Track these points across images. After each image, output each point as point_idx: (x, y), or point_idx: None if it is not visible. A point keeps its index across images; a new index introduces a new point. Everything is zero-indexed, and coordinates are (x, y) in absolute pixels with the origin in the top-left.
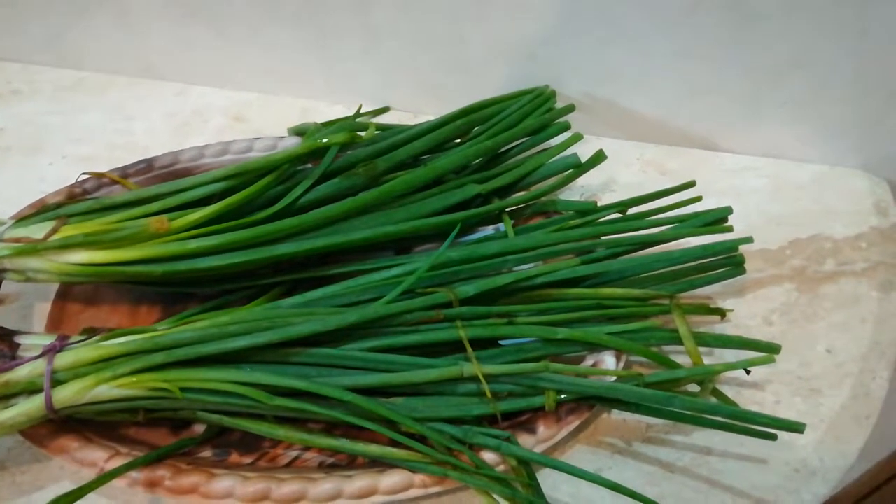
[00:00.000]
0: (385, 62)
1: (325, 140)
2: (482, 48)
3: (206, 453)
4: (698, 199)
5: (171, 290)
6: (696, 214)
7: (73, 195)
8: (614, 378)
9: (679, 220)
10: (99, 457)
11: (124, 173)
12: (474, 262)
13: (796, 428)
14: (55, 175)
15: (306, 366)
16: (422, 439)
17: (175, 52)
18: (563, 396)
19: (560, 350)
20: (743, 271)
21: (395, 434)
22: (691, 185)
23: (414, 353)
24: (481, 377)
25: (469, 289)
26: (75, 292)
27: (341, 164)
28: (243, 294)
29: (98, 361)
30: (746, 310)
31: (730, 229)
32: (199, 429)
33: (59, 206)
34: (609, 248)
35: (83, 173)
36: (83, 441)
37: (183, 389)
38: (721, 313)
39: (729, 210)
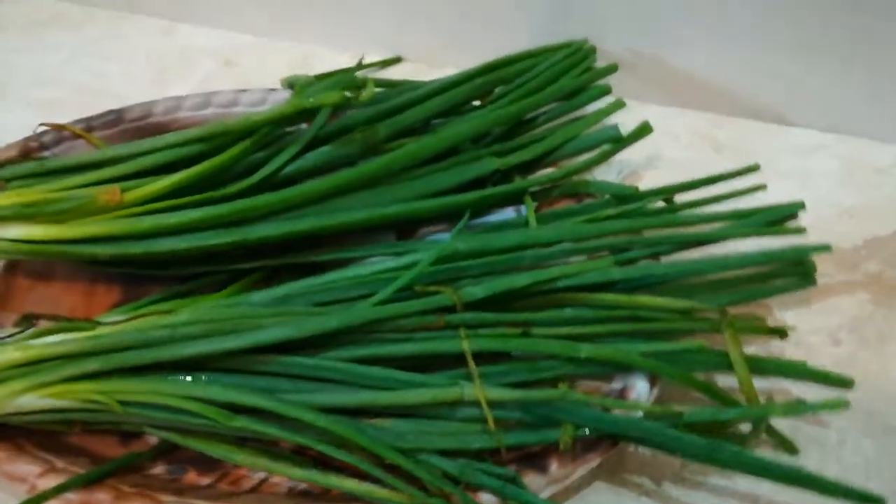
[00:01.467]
0: (397, 4)
1: (312, 100)
2: None
3: (159, 469)
4: (762, 187)
5: (130, 271)
6: (759, 210)
7: (29, 150)
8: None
9: (737, 214)
10: (30, 471)
11: (89, 126)
12: (486, 255)
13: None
14: (16, 122)
15: (275, 376)
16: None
17: None
18: (582, 431)
19: (583, 370)
20: (812, 282)
21: (376, 470)
22: (754, 168)
23: (407, 366)
24: (484, 403)
25: (477, 290)
26: (25, 266)
27: (335, 127)
28: (215, 279)
29: (24, 364)
30: (809, 323)
31: (801, 231)
32: (153, 439)
33: (8, 163)
34: (650, 247)
35: (41, 124)
36: (13, 450)
37: (124, 403)
38: (781, 334)
39: (800, 206)
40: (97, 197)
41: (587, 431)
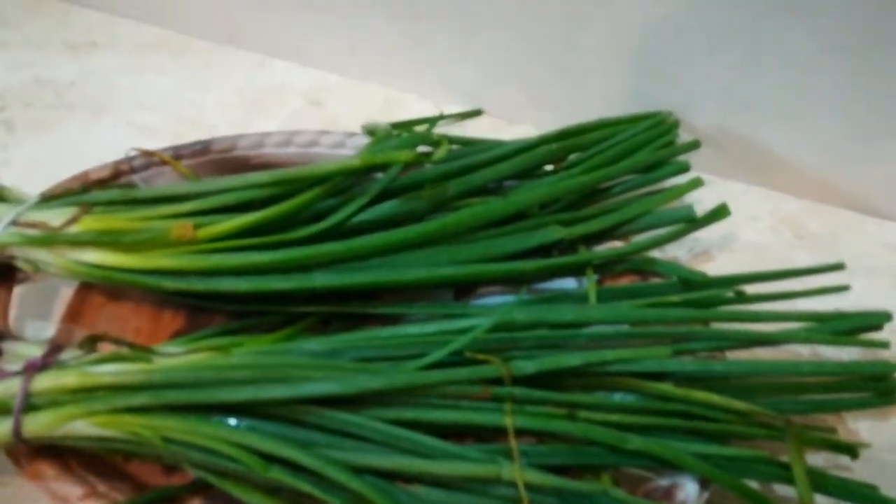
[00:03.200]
0: (483, 56)
1: (382, 156)
2: (598, 54)
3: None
4: (845, 288)
5: (195, 302)
6: (840, 316)
7: (120, 172)
8: None
9: (815, 317)
10: (73, 493)
11: (177, 154)
12: (541, 328)
13: None
14: (115, 142)
15: (315, 429)
16: None
17: (259, 18)
18: None
19: (630, 461)
20: (892, 401)
21: None
22: (839, 267)
23: (445, 431)
24: (521, 486)
25: (528, 365)
26: (100, 285)
27: (406, 181)
28: (273, 318)
29: (78, 390)
30: (885, 438)
31: (885, 345)
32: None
33: (99, 182)
34: (714, 340)
35: (132, 149)
36: (61, 469)
37: (167, 439)
38: (853, 453)
39: (886, 317)
40: (171, 231)
41: None
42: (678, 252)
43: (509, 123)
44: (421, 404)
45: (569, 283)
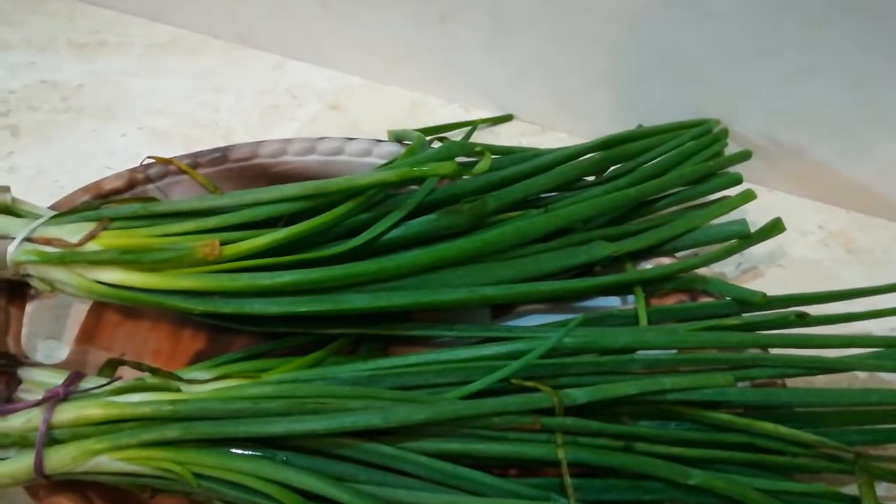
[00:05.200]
0: (515, 60)
1: (423, 169)
2: (639, 58)
3: None
4: None
5: (218, 323)
6: None
7: (135, 182)
8: None
9: (882, 342)
10: None
11: (195, 162)
12: (592, 352)
13: None
14: (125, 149)
15: (354, 463)
16: None
17: (276, 17)
18: None
19: (690, 498)
20: None
21: None
22: None
23: (490, 465)
24: None
25: (580, 394)
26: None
27: (443, 194)
28: (302, 340)
29: (103, 422)
30: None
31: None
32: None
33: (113, 193)
34: (779, 368)
35: (148, 157)
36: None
37: (198, 475)
38: None
39: None
40: (197, 249)
41: None
42: (726, 268)
43: (543, 130)
44: (465, 436)
45: (612, 302)
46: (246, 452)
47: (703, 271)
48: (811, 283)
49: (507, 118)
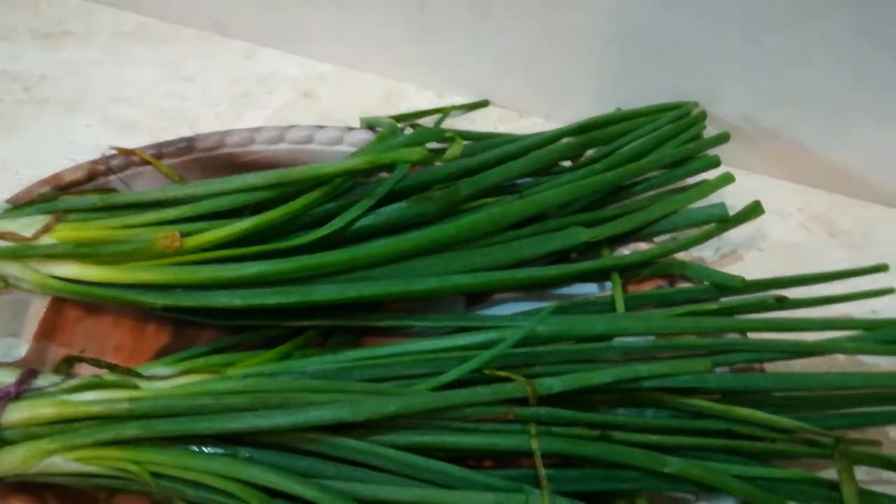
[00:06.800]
0: (492, 46)
1: (392, 155)
2: (618, 42)
3: None
4: (889, 291)
5: (182, 317)
6: (890, 323)
7: (96, 173)
8: None
9: (861, 324)
10: None
11: (159, 152)
12: (567, 341)
13: None
14: (89, 140)
15: (321, 458)
16: None
17: (248, 3)
18: None
19: (667, 486)
20: None
21: None
22: (883, 268)
23: (463, 457)
24: None
25: (555, 383)
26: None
27: (413, 181)
28: (268, 333)
29: (57, 422)
30: None
31: None
32: None
33: (73, 185)
34: (757, 353)
35: (110, 147)
36: None
37: (156, 475)
38: None
39: None
40: (156, 241)
41: None
42: (704, 252)
43: (520, 116)
44: (437, 428)
45: (590, 289)
46: (207, 450)
47: (681, 256)
48: (791, 266)
49: (483, 104)
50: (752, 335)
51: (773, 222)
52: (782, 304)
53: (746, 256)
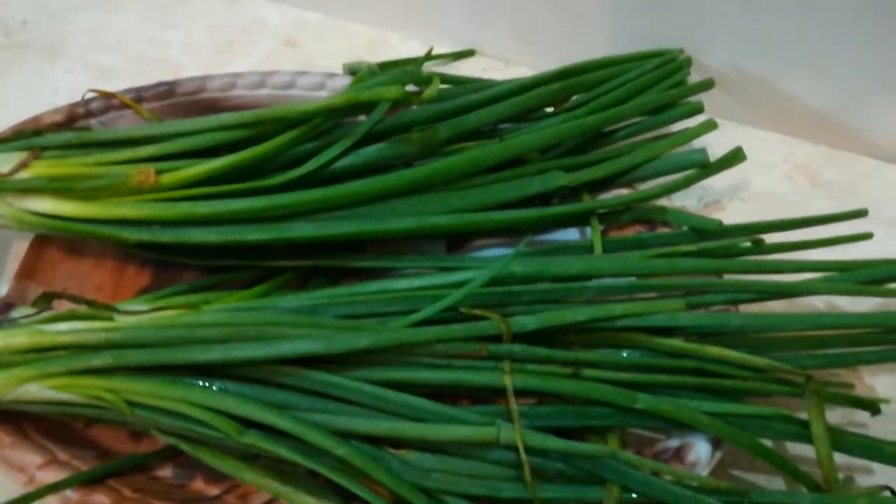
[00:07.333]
0: None
1: (368, 93)
2: None
3: (166, 472)
4: (867, 236)
5: (161, 257)
6: (861, 265)
7: (75, 116)
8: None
9: (837, 266)
10: (31, 461)
11: (139, 96)
12: (543, 281)
13: None
14: (70, 86)
15: (295, 391)
16: None
17: None
18: (629, 496)
19: (638, 422)
20: None
21: None
22: (862, 213)
23: (438, 393)
24: (522, 449)
25: (529, 321)
26: (58, 238)
27: (393, 123)
28: (248, 273)
29: (31, 350)
30: None
31: None
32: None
33: (53, 127)
34: (729, 293)
35: (90, 90)
36: (17, 436)
37: (132, 403)
38: (874, 409)
39: None
40: (131, 177)
41: (634, 496)
42: (687, 202)
43: (506, 65)
44: (411, 364)
45: (571, 235)
46: (181, 380)
47: (663, 203)
48: (774, 215)
49: (469, 53)
50: (728, 278)
51: (757, 172)
52: (759, 246)
53: (729, 206)
